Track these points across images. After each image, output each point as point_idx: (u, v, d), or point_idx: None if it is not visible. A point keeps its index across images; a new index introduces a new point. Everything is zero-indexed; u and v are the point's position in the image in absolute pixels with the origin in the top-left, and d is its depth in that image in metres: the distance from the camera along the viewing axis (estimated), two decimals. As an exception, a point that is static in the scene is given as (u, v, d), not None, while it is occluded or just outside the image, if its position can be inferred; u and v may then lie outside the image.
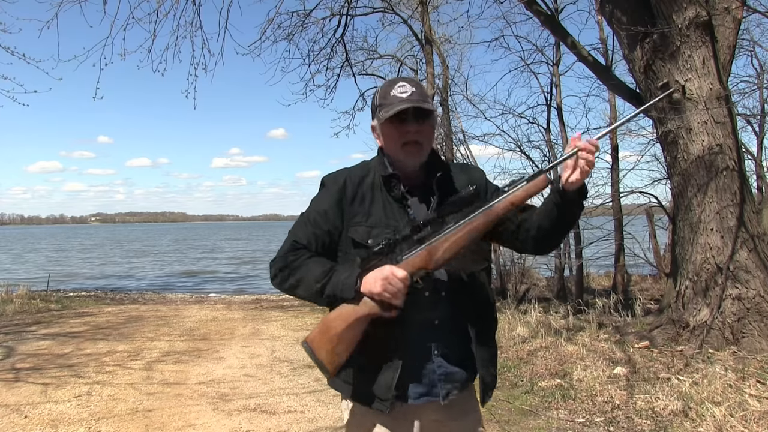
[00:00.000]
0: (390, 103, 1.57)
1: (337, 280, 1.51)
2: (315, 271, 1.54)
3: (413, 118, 1.58)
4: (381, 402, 1.55)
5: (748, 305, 5.05)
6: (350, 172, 1.67)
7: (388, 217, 1.59)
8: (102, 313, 9.67)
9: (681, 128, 5.37)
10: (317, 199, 1.66)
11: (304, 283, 1.55)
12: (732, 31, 5.67)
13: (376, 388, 1.56)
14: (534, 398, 4.42)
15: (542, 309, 7.36)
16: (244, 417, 4.20)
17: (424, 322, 1.57)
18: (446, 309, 1.58)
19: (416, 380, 1.57)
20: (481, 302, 1.64)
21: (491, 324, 1.69)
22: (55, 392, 4.82)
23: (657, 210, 9.92)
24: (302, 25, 9.38)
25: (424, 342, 1.58)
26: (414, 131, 1.58)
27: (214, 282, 20.40)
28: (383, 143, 1.65)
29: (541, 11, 7.01)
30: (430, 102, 1.62)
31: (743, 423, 3.45)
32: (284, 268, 1.58)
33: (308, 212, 1.65)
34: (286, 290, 1.61)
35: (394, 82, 1.62)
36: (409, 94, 1.57)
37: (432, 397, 1.58)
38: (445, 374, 1.59)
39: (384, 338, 1.54)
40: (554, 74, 10.26)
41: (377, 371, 1.56)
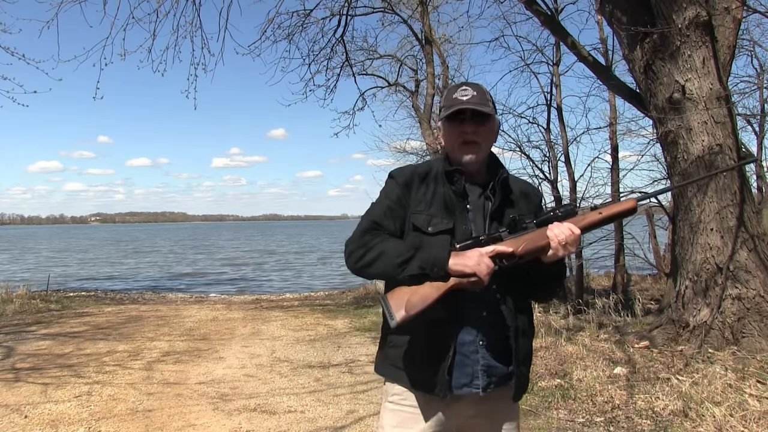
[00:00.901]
0: (451, 105, 1.70)
1: (428, 256, 1.56)
2: (398, 247, 1.61)
3: (471, 119, 1.69)
4: (433, 387, 1.61)
5: (748, 305, 5.05)
6: (416, 167, 1.81)
7: (448, 209, 1.69)
8: (102, 313, 9.67)
9: (681, 128, 5.37)
10: (387, 188, 1.76)
11: (384, 257, 1.60)
12: (732, 31, 5.67)
13: (426, 373, 1.62)
14: (534, 398, 4.42)
15: (542, 309, 7.36)
16: (244, 417, 4.20)
17: (473, 313, 1.63)
18: (493, 302, 1.65)
19: (459, 369, 1.62)
20: (523, 300, 1.73)
21: (530, 324, 1.76)
22: (55, 392, 4.82)
23: (657, 210, 9.92)
24: (302, 25, 9.40)
25: (471, 333, 1.64)
26: (471, 131, 1.69)
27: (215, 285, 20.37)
28: (445, 142, 1.77)
29: (541, 11, 7.01)
30: (490, 106, 1.71)
31: (743, 423, 3.45)
32: (362, 245, 1.64)
33: (380, 199, 1.75)
34: (360, 267, 1.64)
35: (458, 86, 1.74)
36: (469, 97, 1.68)
37: (472, 389, 1.63)
38: (487, 367, 1.64)
39: (437, 323, 1.61)
40: (554, 74, 10.27)
41: (427, 355, 1.63)
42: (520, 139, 10.48)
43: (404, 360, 1.67)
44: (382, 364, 1.74)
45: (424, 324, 1.60)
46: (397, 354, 1.68)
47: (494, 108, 1.74)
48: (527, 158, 10.38)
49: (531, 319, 1.76)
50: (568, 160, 10.09)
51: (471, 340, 1.63)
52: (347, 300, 11.74)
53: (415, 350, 1.65)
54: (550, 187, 10.14)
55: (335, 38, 9.90)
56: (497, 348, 1.65)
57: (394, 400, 1.70)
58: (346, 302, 11.38)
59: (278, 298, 13.47)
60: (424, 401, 1.66)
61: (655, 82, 5.56)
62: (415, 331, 1.63)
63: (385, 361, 1.73)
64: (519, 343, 1.67)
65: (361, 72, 11.46)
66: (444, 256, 1.56)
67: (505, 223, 1.68)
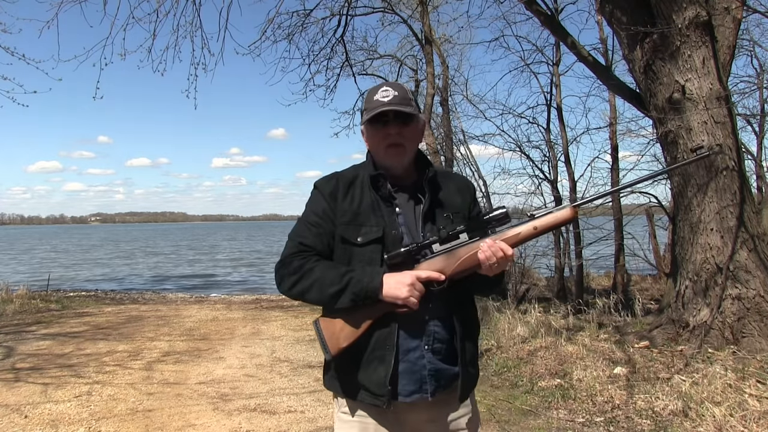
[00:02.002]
0: (373, 107, 1.65)
1: (359, 286, 1.55)
2: (328, 275, 1.58)
3: (394, 121, 1.64)
4: (376, 398, 1.59)
5: (748, 305, 5.05)
6: (340, 174, 1.75)
7: (377, 216, 1.64)
8: (102, 313, 9.67)
9: (681, 128, 5.37)
10: (312, 201, 1.72)
11: (316, 287, 1.58)
12: (732, 31, 5.67)
13: (370, 384, 1.59)
14: (534, 398, 4.43)
15: (542, 309, 7.36)
16: (244, 417, 4.20)
17: (415, 317, 1.60)
18: (436, 305, 1.62)
19: (406, 377, 1.60)
20: (466, 301, 1.71)
21: (474, 323, 1.74)
22: (55, 392, 4.82)
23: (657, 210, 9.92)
24: (302, 25, 9.38)
25: (415, 337, 1.61)
26: (395, 133, 1.64)
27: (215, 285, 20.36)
28: (369, 145, 1.73)
29: (541, 11, 7.01)
30: (412, 106, 1.67)
31: (743, 423, 3.45)
32: (293, 272, 1.61)
33: (306, 215, 1.71)
34: (294, 296, 1.63)
35: (378, 87, 1.70)
36: (390, 98, 1.64)
37: (422, 394, 1.61)
38: (435, 371, 1.62)
39: (378, 333, 1.59)
40: (554, 74, 10.27)
41: (370, 366, 1.60)
42: (520, 139, 10.49)
43: (347, 373, 1.64)
44: (329, 378, 1.70)
45: (365, 336, 1.59)
46: (340, 367, 1.65)
47: (417, 107, 1.71)
48: (527, 158, 10.38)
49: (475, 317, 1.74)
50: (568, 160, 10.10)
51: (416, 346, 1.60)
52: (347, 300, 11.73)
53: (357, 362, 1.61)
54: (551, 187, 10.15)
55: (335, 38, 9.90)
56: (443, 351, 1.63)
57: (347, 411, 1.68)
58: (346, 302, 11.37)
59: (278, 298, 13.45)
60: (376, 411, 1.63)
61: (655, 82, 5.56)
62: (356, 344, 1.60)
63: (330, 375, 1.70)
64: (465, 345, 1.65)
65: (361, 72, 11.45)
66: (375, 286, 1.54)
67: (439, 222, 1.65)
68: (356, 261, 1.62)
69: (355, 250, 1.62)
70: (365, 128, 1.71)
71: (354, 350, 1.60)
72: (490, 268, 1.57)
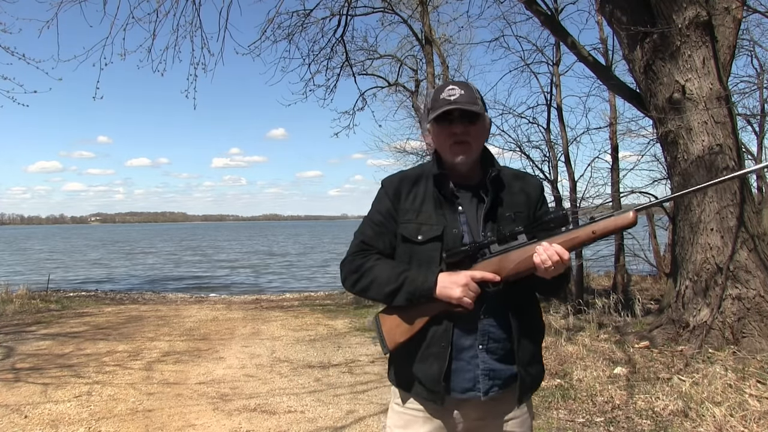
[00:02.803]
0: (438, 106, 1.66)
1: (413, 286, 1.59)
2: (385, 275, 1.63)
3: (460, 119, 1.65)
4: (430, 393, 1.62)
5: (748, 305, 5.05)
6: (406, 173, 1.78)
7: (438, 214, 1.67)
8: (102, 313, 9.67)
9: (681, 128, 5.38)
10: (377, 200, 1.76)
11: (374, 286, 1.65)
12: (732, 31, 5.67)
13: (425, 379, 1.63)
14: (534, 398, 4.41)
15: (542, 309, 7.35)
16: (244, 417, 4.20)
17: (470, 317, 1.61)
18: (492, 303, 1.62)
19: (460, 375, 1.62)
20: (526, 301, 1.70)
21: (535, 322, 1.72)
22: (55, 392, 4.82)
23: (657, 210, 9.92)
24: (302, 25, 9.39)
25: (469, 336, 1.62)
26: (461, 131, 1.66)
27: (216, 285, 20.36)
28: (435, 144, 1.74)
29: (541, 11, 7.01)
30: (479, 105, 1.67)
31: (743, 423, 3.45)
32: (354, 271, 1.68)
33: (371, 214, 1.75)
34: (357, 292, 1.71)
35: (445, 86, 1.70)
36: (456, 96, 1.65)
37: (475, 392, 1.62)
38: (489, 370, 1.62)
39: (433, 330, 1.62)
40: (554, 74, 10.26)
41: (426, 362, 1.63)
42: (520, 139, 10.46)
43: (405, 367, 1.68)
44: (391, 370, 1.77)
45: (421, 332, 1.63)
46: (400, 361, 1.70)
47: (484, 106, 1.71)
48: (527, 158, 10.36)
49: (536, 317, 1.73)
50: (568, 160, 10.09)
51: (470, 345, 1.61)
52: (347, 300, 11.74)
53: (413, 357, 1.66)
54: (551, 187, 10.14)
55: (335, 38, 9.91)
56: (498, 350, 1.63)
57: (400, 401, 1.72)
58: (346, 302, 11.38)
59: (278, 298, 13.47)
60: (431, 407, 1.66)
61: (655, 82, 5.56)
62: (413, 340, 1.64)
63: (392, 367, 1.76)
64: (521, 344, 1.64)
65: (361, 72, 11.47)
66: (430, 286, 1.58)
67: (500, 222, 1.66)
68: (416, 259, 1.65)
69: (415, 248, 1.65)
70: (431, 127, 1.72)
71: (410, 346, 1.65)
72: (546, 272, 1.56)
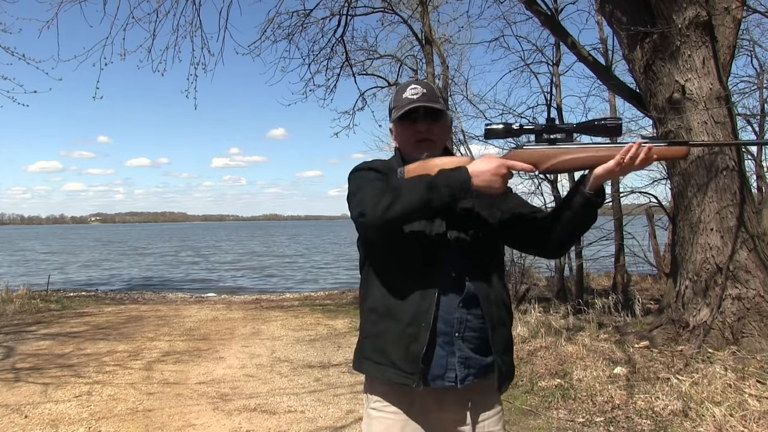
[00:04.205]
0: (402, 105, 1.69)
1: (449, 179, 1.49)
2: (410, 181, 1.53)
3: (423, 118, 1.68)
4: (407, 376, 1.58)
5: (748, 305, 5.05)
6: (375, 161, 1.77)
7: None
8: (102, 313, 9.67)
9: (681, 128, 5.37)
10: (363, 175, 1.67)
11: (405, 192, 1.49)
12: (732, 31, 5.67)
13: (401, 362, 1.59)
14: (534, 398, 4.43)
15: (542, 309, 7.36)
16: (244, 417, 4.20)
17: (448, 304, 1.60)
18: (468, 293, 1.62)
19: (436, 361, 1.60)
20: (498, 289, 1.69)
21: (507, 311, 1.73)
22: (55, 392, 4.82)
23: (657, 210, 9.92)
24: (302, 25, 9.39)
25: (447, 323, 1.61)
26: (425, 129, 1.69)
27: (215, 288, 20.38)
28: (398, 142, 1.76)
29: (541, 11, 7.01)
30: (441, 102, 1.70)
31: (743, 423, 3.45)
32: (375, 196, 1.52)
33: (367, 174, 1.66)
34: (383, 212, 1.48)
35: (407, 85, 1.73)
36: (419, 95, 1.68)
37: (447, 381, 1.61)
38: (465, 359, 1.61)
39: (414, 310, 1.59)
40: (554, 74, 10.26)
41: (403, 344, 1.60)
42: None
43: (379, 352, 1.64)
44: (359, 359, 1.71)
45: (399, 316, 1.60)
46: (373, 346, 1.66)
47: (446, 104, 1.73)
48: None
49: (508, 308, 1.73)
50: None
51: (447, 332, 1.60)
52: (347, 300, 11.74)
53: (390, 341, 1.62)
54: (551, 187, 10.13)
55: (335, 38, 9.91)
56: (474, 339, 1.62)
57: (377, 407, 1.68)
58: (346, 302, 11.38)
59: (278, 298, 13.47)
60: (407, 404, 1.63)
61: (655, 82, 5.56)
62: (391, 323, 1.61)
63: (361, 355, 1.70)
64: (496, 333, 1.64)
65: (361, 72, 11.45)
66: (464, 177, 1.49)
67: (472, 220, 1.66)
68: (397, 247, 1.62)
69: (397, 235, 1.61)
70: (395, 125, 1.74)
71: (385, 326, 1.61)
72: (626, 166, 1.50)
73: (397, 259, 1.62)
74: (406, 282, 1.61)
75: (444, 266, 1.61)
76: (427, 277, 1.60)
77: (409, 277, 1.60)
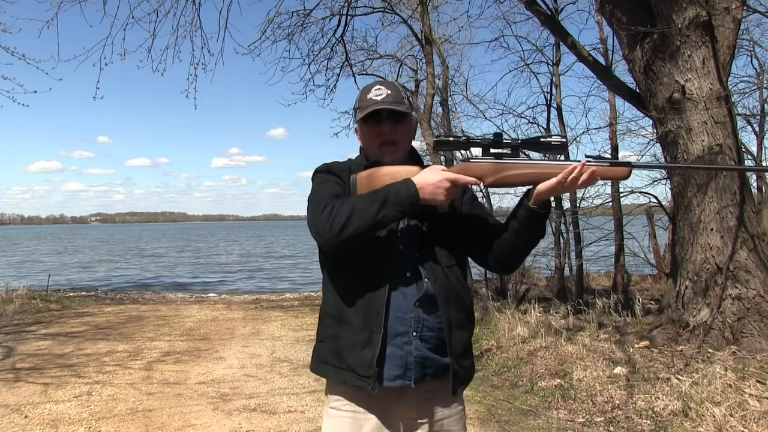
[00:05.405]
0: (366, 105, 1.68)
1: (399, 196, 1.53)
2: (363, 198, 1.56)
3: (388, 119, 1.68)
4: (361, 379, 1.59)
5: (748, 305, 5.05)
6: (337, 162, 1.79)
7: None
8: (102, 313, 9.67)
9: (681, 128, 5.37)
10: (322, 180, 1.71)
11: (356, 212, 1.51)
12: (732, 31, 5.66)
13: (356, 365, 1.59)
14: (534, 398, 4.43)
15: (542, 309, 7.36)
16: (244, 417, 4.20)
17: (405, 303, 1.61)
18: (427, 293, 1.62)
19: (392, 361, 1.60)
20: (457, 291, 1.68)
21: (468, 313, 1.72)
22: (55, 392, 4.82)
23: (657, 210, 9.92)
24: (302, 25, 9.38)
25: (403, 323, 1.61)
26: (389, 131, 1.68)
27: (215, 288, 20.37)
28: (363, 143, 1.77)
29: (541, 11, 7.01)
30: (405, 104, 1.70)
31: (743, 423, 3.45)
32: (328, 214, 1.54)
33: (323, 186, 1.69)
34: (337, 233, 1.52)
35: (372, 86, 1.72)
36: (383, 96, 1.67)
37: (405, 380, 1.60)
38: (422, 358, 1.61)
39: (365, 313, 1.60)
40: (554, 74, 10.27)
41: (356, 348, 1.60)
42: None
43: (335, 356, 1.64)
44: (317, 363, 1.71)
45: (351, 320, 1.61)
46: (328, 348, 1.67)
47: (410, 105, 1.74)
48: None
49: (470, 310, 1.73)
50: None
51: (404, 331, 1.60)
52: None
53: (344, 347, 1.62)
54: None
55: (335, 38, 9.89)
56: (432, 339, 1.62)
57: (336, 406, 1.68)
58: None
59: (278, 298, 13.46)
60: (365, 404, 1.63)
61: (655, 82, 5.56)
62: (344, 328, 1.62)
63: (318, 359, 1.71)
64: (453, 336, 1.64)
65: (361, 72, 11.44)
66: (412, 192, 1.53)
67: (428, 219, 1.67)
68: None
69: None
70: (359, 126, 1.74)
71: (339, 330, 1.63)
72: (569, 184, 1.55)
73: (350, 263, 1.63)
74: (359, 285, 1.61)
75: (399, 266, 1.62)
76: (380, 278, 1.60)
77: (362, 280, 1.61)
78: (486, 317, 7.22)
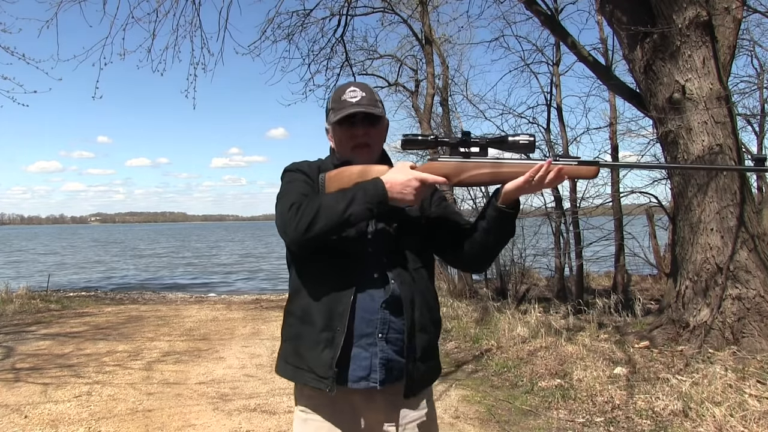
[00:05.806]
0: (341, 107, 1.66)
1: (367, 194, 1.51)
2: (330, 197, 1.54)
3: (362, 122, 1.66)
4: (320, 380, 1.58)
5: (748, 305, 5.05)
6: (307, 162, 1.77)
7: None
8: (102, 313, 9.66)
9: (681, 128, 5.37)
10: (291, 179, 1.70)
11: (323, 210, 1.50)
12: (732, 31, 5.66)
13: (316, 366, 1.59)
14: (534, 398, 4.43)
15: (542, 309, 7.36)
16: (244, 417, 4.20)
17: (371, 305, 1.60)
18: (393, 295, 1.61)
19: (357, 361, 1.60)
20: (423, 294, 1.68)
21: (434, 318, 1.72)
22: (55, 392, 4.82)
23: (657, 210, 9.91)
24: (302, 25, 9.39)
25: (370, 324, 1.60)
26: (362, 134, 1.67)
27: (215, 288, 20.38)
28: (335, 145, 1.74)
29: (541, 11, 7.01)
30: (379, 107, 1.69)
31: (743, 423, 3.45)
32: (295, 213, 1.53)
33: (292, 185, 1.67)
34: (304, 232, 1.51)
35: (346, 87, 1.70)
36: (358, 98, 1.66)
37: (370, 382, 1.60)
38: (386, 360, 1.61)
39: (329, 314, 1.59)
40: (554, 74, 10.27)
41: (317, 348, 1.60)
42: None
43: (297, 356, 1.65)
44: (281, 363, 1.71)
45: (314, 320, 1.60)
46: (292, 350, 1.67)
47: (383, 108, 1.73)
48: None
49: (435, 312, 1.72)
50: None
51: (370, 333, 1.59)
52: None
53: (306, 347, 1.62)
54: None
55: (335, 38, 9.90)
56: (397, 341, 1.61)
57: (304, 408, 1.68)
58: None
59: (278, 298, 13.45)
60: (330, 405, 1.63)
61: (655, 82, 5.56)
62: (307, 328, 1.62)
63: (281, 358, 1.71)
64: (415, 339, 1.62)
65: (361, 72, 11.45)
66: (380, 191, 1.52)
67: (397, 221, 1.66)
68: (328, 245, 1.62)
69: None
70: (332, 128, 1.71)
71: (302, 329, 1.63)
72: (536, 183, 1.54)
73: (317, 263, 1.63)
74: (325, 285, 1.61)
75: (367, 268, 1.62)
76: (346, 279, 1.59)
77: (328, 280, 1.60)
78: (486, 317, 7.22)
